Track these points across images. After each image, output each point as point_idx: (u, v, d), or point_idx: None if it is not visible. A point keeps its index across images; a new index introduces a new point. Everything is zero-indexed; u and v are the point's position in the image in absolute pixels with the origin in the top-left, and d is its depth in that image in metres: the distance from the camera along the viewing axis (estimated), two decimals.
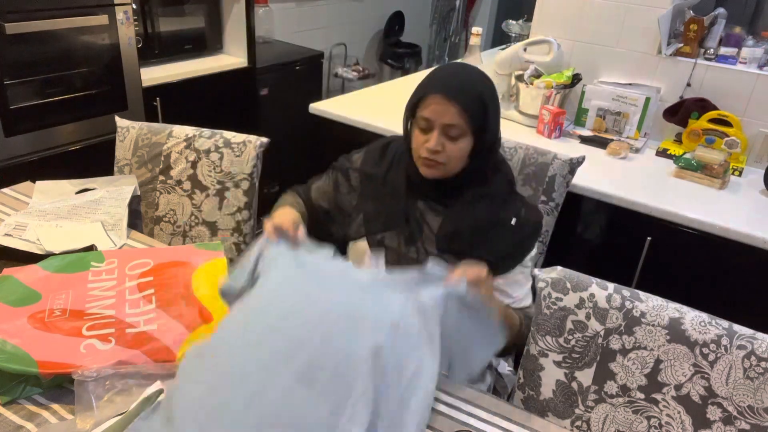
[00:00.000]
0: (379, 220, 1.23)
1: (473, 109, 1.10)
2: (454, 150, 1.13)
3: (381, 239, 1.23)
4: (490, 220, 1.19)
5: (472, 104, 1.10)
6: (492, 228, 1.19)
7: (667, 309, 1.02)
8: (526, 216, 1.21)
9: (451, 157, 1.13)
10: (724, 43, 2.01)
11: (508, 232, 1.19)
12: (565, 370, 1.09)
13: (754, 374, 0.95)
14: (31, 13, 1.89)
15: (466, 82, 1.13)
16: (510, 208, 1.20)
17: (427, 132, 1.14)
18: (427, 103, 1.12)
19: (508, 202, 1.21)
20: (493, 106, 1.16)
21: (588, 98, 2.09)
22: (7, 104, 1.91)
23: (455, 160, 1.14)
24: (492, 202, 1.19)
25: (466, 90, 1.11)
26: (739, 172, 1.85)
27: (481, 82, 1.15)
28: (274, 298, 0.95)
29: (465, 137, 1.12)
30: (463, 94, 1.10)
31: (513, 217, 1.18)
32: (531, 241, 1.23)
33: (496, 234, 1.19)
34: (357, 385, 0.83)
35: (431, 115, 1.11)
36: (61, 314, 1.04)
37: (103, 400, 0.91)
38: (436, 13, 4.95)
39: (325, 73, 3.81)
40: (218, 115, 2.73)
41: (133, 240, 1.38)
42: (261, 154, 1.59)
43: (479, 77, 1.16)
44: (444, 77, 1.14)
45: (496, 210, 1.19)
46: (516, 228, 1.19)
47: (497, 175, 1.22)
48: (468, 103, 1.10)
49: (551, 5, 2.18)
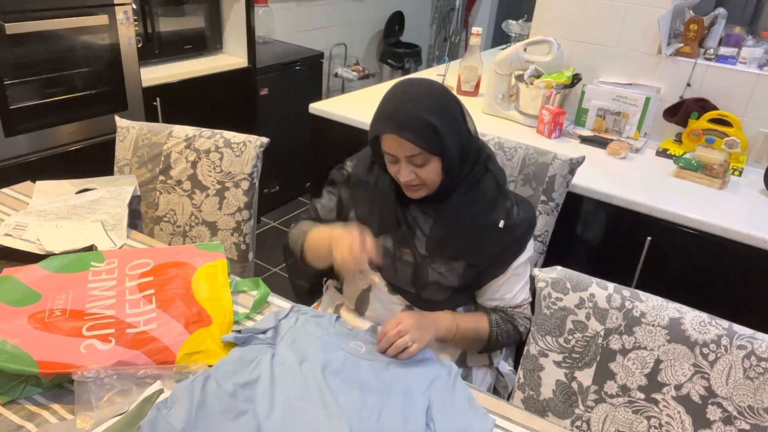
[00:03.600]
0: (373, 225, 1.23)
1: (425, 137, 1.09)
2: (426, 173, 1.13)
3: None
4: (477, 224, 1.19)
5: (422, 133, 1.09)
6: (480, 232, 1.19)
7: (667, 309, 1.02)
8: (516, 216, 1.21)
9: (427, 179, 1.14)
10: (724, 43, 2.01)
11: (496, 236, 1.19)
12: (565, 370, 1.09)
13: (754, 374, 0.95)
14: (31, 13, 1.89)
15: (410, 112, 1.09)
16: (498, 209, 1.20)
17: (395, 163, 1.15)
18: (384, 140, 1.13)
19: (495, 203, 1.20)
20: (446, 122, 1.11)
21: (588, 98, 2.09)
22: (7, 104, 1.91)
23: (431, 180, 1.15)
24: (479, 206, 1.19)
25: (412, 122, 1.09)
26: (739, 172, 1.85)
27: (427, 105, 1.10)
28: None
29: (431, 160, 1.12)
30: (410, 127, 1.08)
31: (501, 220, 1.19)
32: (521, 243, 1.23)
33: (484, 238, 1.19)
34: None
35: (391, 150, 1.13)
36: (61, 314, 1.04)
37: (103, 400, 0.91)
38: (436, 13, 4.95)
39: (325, 73, 3.81)
40: (218, 115, 2.73)
41: (133, 240, 1.38)
42: (261, 154, 1.59)
43: (424, 97, 1.12)
44: (391, 112, 1.11)
45: (483, 214, 1.19)
46: (504, 231, 1.19)
47: (484, 177, 1.21)
48: (418, 134, 1.08)
49: (551, 5, 2.18)
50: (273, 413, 0.92)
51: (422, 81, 1.16)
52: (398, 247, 1.22)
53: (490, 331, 1.23)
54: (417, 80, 1.16)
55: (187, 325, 1.06)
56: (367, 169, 1.29)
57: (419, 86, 1.14)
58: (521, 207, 1.23)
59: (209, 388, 0.94)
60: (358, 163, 1.32)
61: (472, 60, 2.38)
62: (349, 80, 3.95)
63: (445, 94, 1.15)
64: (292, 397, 0.95)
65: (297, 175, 3.35)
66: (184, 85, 2.53)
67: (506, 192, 1.24)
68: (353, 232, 1.08)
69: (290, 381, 0.98)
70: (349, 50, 4.17)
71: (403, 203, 1.23)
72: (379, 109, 1.15)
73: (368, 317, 1.28)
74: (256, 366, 1.01)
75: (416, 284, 1.22)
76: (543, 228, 1.47)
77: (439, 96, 1.14)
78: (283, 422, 0.90)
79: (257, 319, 1.16)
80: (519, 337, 1.27)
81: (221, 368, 0.99)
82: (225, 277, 1.20)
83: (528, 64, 2.11)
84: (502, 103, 2.19)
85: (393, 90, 1.15)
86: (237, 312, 1.15)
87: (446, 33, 4.99)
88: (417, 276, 1.21)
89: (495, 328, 1.23)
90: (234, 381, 0.96)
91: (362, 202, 1.28)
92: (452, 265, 1.21)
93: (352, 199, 1.30)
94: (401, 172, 1.14)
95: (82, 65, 2.09)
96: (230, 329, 1.10)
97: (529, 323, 1.27)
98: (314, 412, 0.93)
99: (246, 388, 0.96)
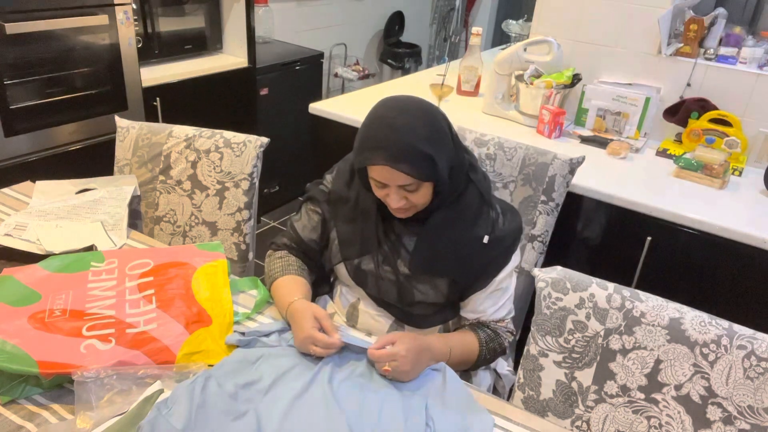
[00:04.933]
0: (355, 245, 1.21)
1: (419, 166, 1.04)
2: (417, 198, 1.09)
3: (358, 264, 1.22)
4: (460, 241, 1.16)
5: (417, 162, 1.04)
6: (463, 248, 1.16)
7: (667, 309, 1.02)
8: (502, 226, 1.18)
9: (418, 202, 1.11)
10: (724, 43, 2.01)
11: (480, 251, 1.16)
12: (565, 370, 1.09)
13: (754, 374, 0.95)
14: (31, 13, 1.89)
15: (404, 142, 1.03)
16: (482, 224, 1.17)
17: (383, 188, 1.10)
18: (373, 169, 1.07)
19: (479, 217, 1.17)
20: (439, 147, 1.06)
21: (588, 98, 2.09)
22: (7, 104, 1.91)
23: (422, 203, 1.12)
24: (462, 222, 1.16)
25: (407, 153, 1.03)
26: (739, 172, 1.85)
27: (420, 133, 1.04)
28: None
29: (423, 186, 1.08)
30: (405, 158, 1.03)
31: (485, 235, 1.15)
32: (506, 255, 1.20)
33: (468, 254, 1.17)
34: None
35: (382, 179, 1.07)
36: (61, 314, 1.04)
37: (103, 400, 0.91)
38: (436, 13, 4.95)
39: (325, 73, 3.81)
40: (218, 115, 2.73)
41: (133, 240, 1.38)
42: (261, 154, 1.59)
43: (416, 124, 1.05)
44: (382, 141, 1.04)
45: (467, 229, 1.16)
46: (489, 245, 1.16)
47: (467, 189, 1.17)
48: (413, 164, 1.03)
49: (551, 5, 2.18)
50: (273, 414, 0.92)
51: (410, 103, 1.08)
52: (381, 266, 1.20)
53: (479, 351, 1.21)
54: (404, 103, 1.08)
55: (187, 325, 1.06)
56: (346, 183, 1.24)
57: (408, 111, 1.06)
58: (507, 216, 1.20)
59: (210, 389, 0.94)
60: (338, 177, 1.26)
61: (472, 60, 2.38)
62: (349, 80, 3.95)
63: (435, 115, 1.09)
64: (293, 397, 0.95)
65: (297, 175, 3.35)
66: (184, 85, 2.53)
67: (491, 202, 1.19)
68: (308, 325, 1.04)
69: (290, 382, 0.98)
70: (349, 50, 4.16)
71: (386, 220, 1.20)
72: (365, 136, 1.07)
73: (360, 328, 1.27)
74: (257, 367, 1.01)
75: (402, 302, 1.21)
76: (543, 228, 1.47)
77: (431, 120, 1.07)
78: (284, 423, 0.90)
79: (258, 320, 1.16)
80: (503, 353, 1.26)
81: (222, 368, 0.99)
82: (225, 277, 1.20)
83: (528, 64, 2.11)
84: (502, 103, 2.19)
85: (380, 115, 1.07)
86: (237, 312, 1.15)
87: (446, 33, 4.99)
88: (402, 294, 1.20)
89: (484, 348, 1.21)
90: (235, 381, 0.96)
91: (343, 220, 1.23)
92: (436, 283, 1.19)
93: (333, 217, 1.25)
94: (391, 198, 1.09)
95: (82, 65, 2.09)
96: (230, 329, 1.10)
97: (511, 337, 1.26)
98: (314, 412, 0.93)
99: (246, 389, 0.96)
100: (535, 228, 1.47)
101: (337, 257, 1.25)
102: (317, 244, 1.28)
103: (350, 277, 1.24)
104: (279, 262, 1.25)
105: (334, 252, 1.26)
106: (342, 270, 1.26)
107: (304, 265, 1.27)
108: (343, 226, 1.24)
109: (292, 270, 1.23)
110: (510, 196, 1.50)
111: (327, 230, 1.28)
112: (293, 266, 1.24)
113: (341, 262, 1.25)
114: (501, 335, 1.24)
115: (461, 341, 1.20)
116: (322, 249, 1.29)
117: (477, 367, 1.25)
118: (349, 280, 1.26)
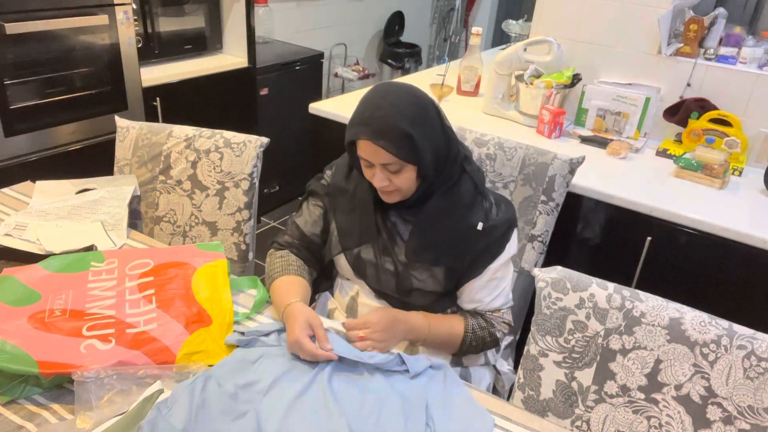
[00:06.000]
0: (354, 235, 1.23)
1: (399, 146, 1.07)
2: (401, 180, 1.12)
3: (358, 253, 1.23)
4: (455, 228, 1.18)
5: (397, 142, 1.07)
6: (458, 236, 1.18)
7: (667, 309, 1.02)
8: (495, 216, 1.20)
9: (401, 185, 1.13)
10: (724, 43, 2.01)
11: (474, 238, 1.18)
12: (565, 370, 1.09)
13: (754, 374, 0.95)
14: (31, 13, 1.89)
15: (387, 120, 1.07)
16: (476, 212, 1.19)
17: (370, 167, 1.14)
18: (359, 145, 1.12)
19: (473, 206, 1.19)
20: (422, 131, 1.09)
21: (588, 98, 2.09)
22: (7, 104, 1.91)
23: (406, 187, 1.14)
24: (456, 210, 1.18)
25: (387, 129, 1.07)
26: (739, 172, 1.85)
27: (404, 113, 1.08)
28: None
29: (406, 168, 1.11)
30: (385, 134, 1.07)
31: (479, 222, 1.18)
32: (500, 244, 1.21)
33: (463, 241, 1.18)
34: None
35: (366, 156, 1.12)
36: (61, 314, 1.04)
37: (103, 400, 0.91)
38: (436, 13, 4.95)
39: (325, 73, 3.81)
40: (218, 115, 2.74)
41: (133, 240, 1.38)
42: (261, 154, 1.59)
43: (402, 104, 1.09)
44: (367, 117, 1.09)
45: (461, 217, 1.18)
46: (483, 233, 1.18)
47: (461, 179, 1.19)
48: (393, 142, 1.07)
49: (551, 5, 2.18)
50: (273, 414, 0.92)
51: (401, 86, 1.13)
52: (380, 256, 1.22)
53: (464, 336, 1.22)
54: (396, 85, 1.14)
55: (187, 325, 1.06)
56: (345, 176, 1.27)
57: (398, 92, 1.11)
58: (501, 207, 1.22)
59: (210, 389, 0.94)
60: (337, 171, 1.30)
61: (472, 60, 2.38)
62: (349, 80, 3.95)
63: (424, 101, 1.12)
64: (293, 397, 0.95)
65: (297, 175, 3.35)
66: (184, 85, 2.53)
67: (485, 192, 1.22)
68: (298, 329, 1.03)
69: (290, 382, 0.98)
70: (349, 50, 4.16)
71: (383, 209, 1.22)
72: (356, 113, 1.13)
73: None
74: (257, 367, 1.01)
75: (400, 291, 1.21)
76: (543, 228, 1.47)
77: (418, 103, 1.11)
78: (284, 423, 0.90)
79: (258, 320, 1.16)
80: (495, 344, 1.26)
81: (222, 368, 0.99)
82: (225, 277, 1.20)
83: (528, 64, 2.11)
84: (502, 103, 2.19)
85: (371, 94, 1.13)
86: (237, 312, 1.15)
87: (446, 33, 4.99)
88: (400, 283, 1.21)
89: (470, 334, 1.22)
90: (235, 381, 0.96)
91: (342, 211, 1.26)
92: (433, 271, 1.20)
93: (332, 209, 1.28)
94: (375, 177, 1.12)
95: (82, 65, 2.09)
96: (230, 329, 1.10)
97: (507, 328, 1.26)
98: (314, 412, 0.93)
99: (246, 389, 0.96)
100: (535, 228, 1.47)
101: (336, 248, 1.26)
102: (320, 238, 1.30)
103: (350, 267, 1.25)
104: (279, 261, 1.26)
105: (334, 243, 1.27)
106: (342, 261, 1.27)
107: (305, 265, 1.27)
108: (341, 216, 1.26)
109: (291, 270, 1.23)
110: (510, 196, 1.50)
111: (328, 223, 1.29)
112: (293, 266, 1.24)
113: (341, 253, 1.25)
114: (495, 326, 1.24)
115: (444, 321, 1.22)
116: (324, 243, 1.30)
117: (464, 353, 1.26)
118: (348, 271, 1.26)
